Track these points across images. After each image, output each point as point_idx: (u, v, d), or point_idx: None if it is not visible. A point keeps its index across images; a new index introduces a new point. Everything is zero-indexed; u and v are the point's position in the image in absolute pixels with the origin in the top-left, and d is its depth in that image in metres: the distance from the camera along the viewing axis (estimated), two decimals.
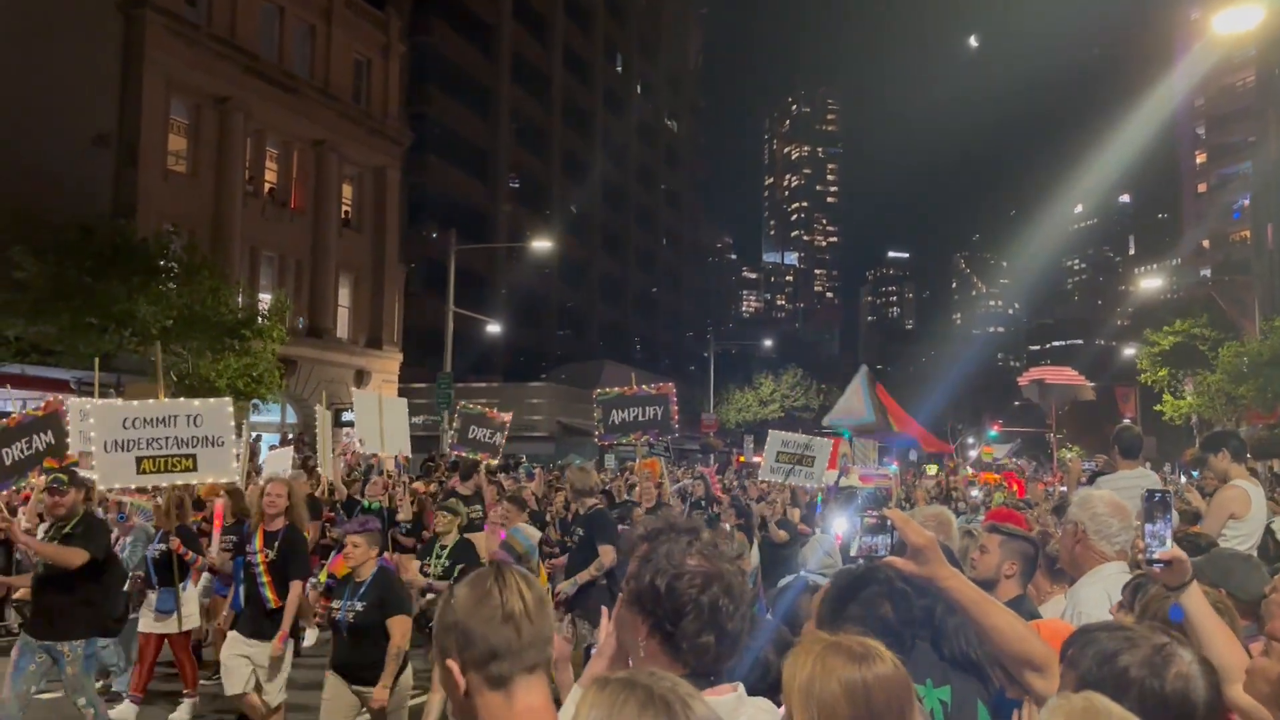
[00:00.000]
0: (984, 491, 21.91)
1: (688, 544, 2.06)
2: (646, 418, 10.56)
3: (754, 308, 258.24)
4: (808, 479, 11.97)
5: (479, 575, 1.92)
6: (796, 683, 1.73)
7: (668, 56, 79.32)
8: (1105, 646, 1.99)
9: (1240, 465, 6.12)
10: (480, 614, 1.83)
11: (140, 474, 7.87)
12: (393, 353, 37.14)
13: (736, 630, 2.02)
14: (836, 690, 1.71)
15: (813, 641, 1.80)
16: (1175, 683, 1.90)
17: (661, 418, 10.60)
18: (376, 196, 36.76)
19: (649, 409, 10.58)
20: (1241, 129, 65.24)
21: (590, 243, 65.31)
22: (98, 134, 25.99)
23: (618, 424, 10.72)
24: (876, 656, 1.75)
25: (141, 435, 7.85)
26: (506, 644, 1.81)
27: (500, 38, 54.92)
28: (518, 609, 1.85)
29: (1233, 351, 33.90)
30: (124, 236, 21.59)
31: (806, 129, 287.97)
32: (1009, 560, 3.70)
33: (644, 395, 10.71)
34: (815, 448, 11.89)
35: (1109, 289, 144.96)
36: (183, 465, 7.96)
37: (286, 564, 7.20)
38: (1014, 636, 2.33)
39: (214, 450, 8.01)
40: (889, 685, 1.73)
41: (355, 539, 6.44)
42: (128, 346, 20.89)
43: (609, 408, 10.72)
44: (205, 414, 8.09)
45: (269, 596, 7.16)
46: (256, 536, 7.33)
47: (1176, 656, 1.95)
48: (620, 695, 1.41)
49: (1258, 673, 2.17)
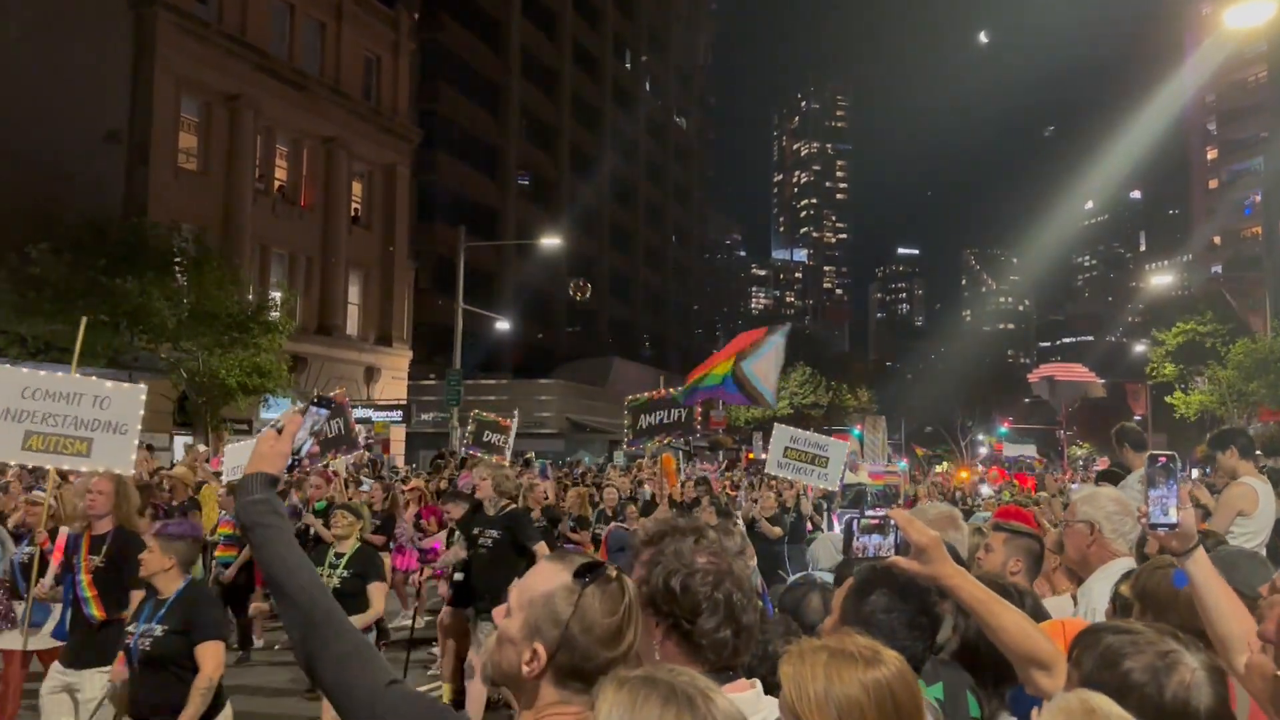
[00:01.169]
0: (994, 490, 21.90)
1: (695, 542, 2.07)
2: (671, 419, 10.67)
3: (763, 304, 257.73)
4: (820, 480, 11.71)
5: (613, 589, 1.80)
6: (810, 694, 1.68)
7: (677, 53, 79.21)
8: (1110, 649, 1.97)
9: (1249, 462, 6.11)
10: (595, 632, 1.76)
11: (25, 449, 6.89)
12: (402, 350, 37.22)
13: (751, 623, 2.05)
14: (858, 694, 1.67)
15: (811, 650, 1.75)
16: (1176, 691, 1.87)
17: (685, 419, 10.70)
18: (386, 193, 36.84)
19: (673, 411, 10.69)
20: (1253, 124, 64.93)
21: (599, 239, 65.31)
22: (109, 131, 26.12)
23: (645, 428, 10.81)
24: (884, 656, 1.74)
25: (39, 408, 6.92)
26: (600, 663, 1.75)
27: (509, 34, 54.93)
28: (629, 637, 1.79)
29: (1244, 348, 33.80)
30: (137, 234, 21.69)
31: (816, 125, 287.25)
32: (1014, 558, 3.70)
33: (669, 399, 10.83)
34: (830, 449, 11.60)
35: (1119, 285, 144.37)
36: (75, 448, 7.05)
37: (120, 572, 5.91)
38: (1021, 635, 2.33)
39: (114, 438, 7.10)
40: (906, 682, 1.73)
41: (153, 542, 5.07)
42: (140, 344, 20.98)
43: (638, 413, 10.82)
44: (115, 398, 7.17)
45: (94, 613, 5.88)
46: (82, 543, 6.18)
47: (1181, 664, 1.91)
48: (640, 692, 1.40)
49: (1254, 668, 2.18)
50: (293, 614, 1.98)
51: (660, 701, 1.38)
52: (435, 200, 47.61)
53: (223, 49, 28.91)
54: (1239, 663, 2.31)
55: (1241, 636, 2.32)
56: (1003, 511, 6.63)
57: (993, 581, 3.06)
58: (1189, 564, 2.48)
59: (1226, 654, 2.36)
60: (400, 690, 1.85)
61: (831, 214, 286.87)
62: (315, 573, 2.11)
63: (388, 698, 1.83)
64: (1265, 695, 2.16)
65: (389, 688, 1.85)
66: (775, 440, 11.67)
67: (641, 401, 10.87)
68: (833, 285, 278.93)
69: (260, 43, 30.30)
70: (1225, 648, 2.37)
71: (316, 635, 1.94)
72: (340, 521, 7.24)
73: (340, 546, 7.11)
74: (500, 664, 1.82)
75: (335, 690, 1.88)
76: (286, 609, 2.00)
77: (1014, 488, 24.18)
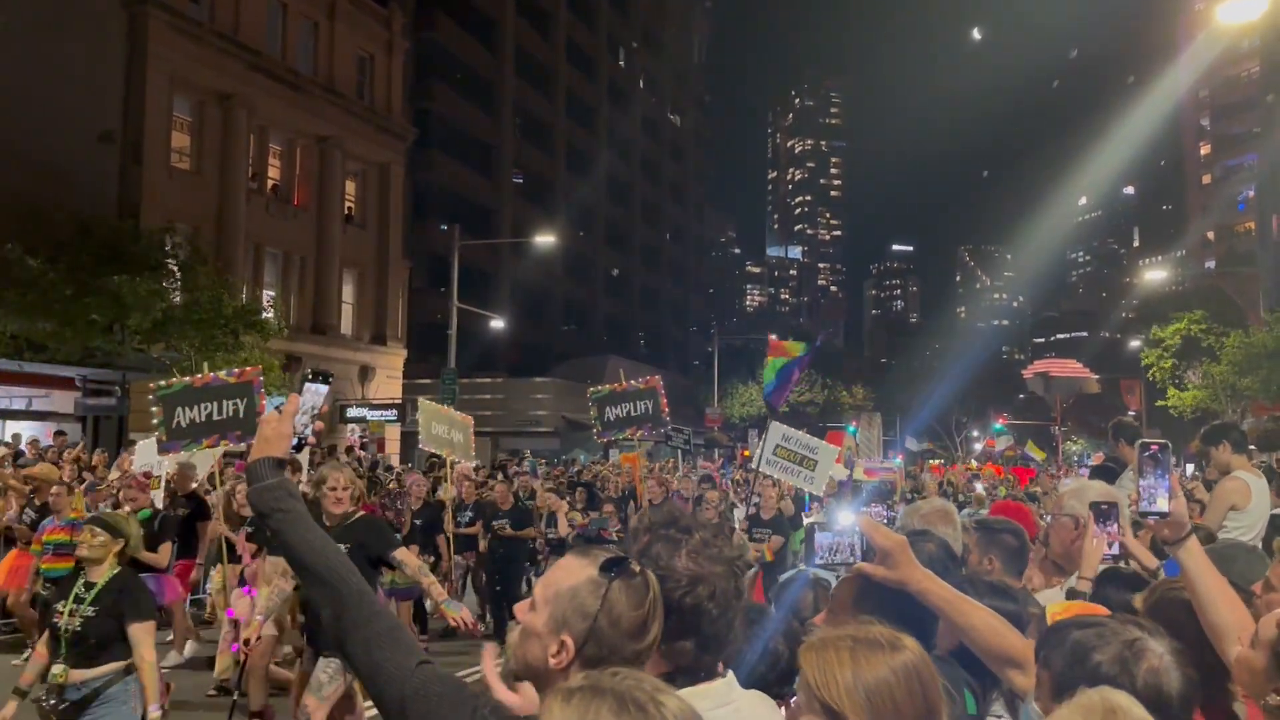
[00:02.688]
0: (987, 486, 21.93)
1: (678, 544, 2.00)
2: (639, 412, 10.39)
3: (758, 302, 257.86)
4: (806, 482, 11.59)
5: (639, 583, 1.82)
6: (840, 684, 1.68)
7: (672, 50, 79.17)
8: (1077, 644, 1.98)
9: (1242, 456, 6.12)
10: (623, 625, 1.78)
11: None
12: (397, 349, 37.18)
13: (717, 633, 1.97)
14: (890, 678, 1.69)
15: (834, 639, 1.76)
16: (1147, 678, 1.88)
17: (653, 411, 10.42)
18: (380, 192, 36.78)
19: (640, 403, 10.41)
20: (1246, 120, 65.01)
21: (594, 237, 65.31)
22: (103, 131, 26.05)
23: (613, 420, 10.49)
24: (906, 642, 1.76)
25: None
26: (626, 655, 1.76)
27: (503, 32, 54.87)
28: (654, 631, 1.81)
29: (1237, 341, 33.82)
30: (122, 234, 21.65)
31: (810, 122, 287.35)
32: (987, 556, 3.69)
33: (634, 390, 10.55)
34: (820, 453, 11.49)
35: (1113, 281, 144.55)
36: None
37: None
38: (990, 634, 2.33)
39: None
40: (929, 665, 1.74)
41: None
42: (130, 344, 20.95)
43: (603, 405, 10.52)
44: None
45: None
46: None
47: (1148, 651, 1.92)
48: (591, 704, 1.36)
49: (1243, 662, 2.19)
50: (323, 593, 2.01)
51: (612, 713, 1.34)
52: (430, 199, 47.58)
53: (216, 48, 28.85)
54: (1234, 653, 2.31)
55: (1235, 626, 2.32)
56: (999, 507, 6.65)
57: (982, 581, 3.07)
58: (1181, 554, 2.48)
59: (1219, 643, 2.36)
60: (430, 670, 1.87)
61: (826, 211, 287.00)
62: (340, 551, 2.12)
63: (417, 677, 1.86)
64: (1254, 689, 2.17)
65: (419, 668, 1.87)
66: (769, 436, 11.59)
67: (604, 393, 10.50)
68: (827, 282, 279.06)
69: (253, 42, 30.23)
70: (1218, 637, 2.37)
71: (348, 616, 1.97)
72: (89, 540, 5.28)
73: (92, 574, 5.24)
74: (525, 657, 1.83)
75: (366, 669, 1.92)
76: (317, 589, 2.03)
77: (1011, 482, 24.23)
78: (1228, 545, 3.66)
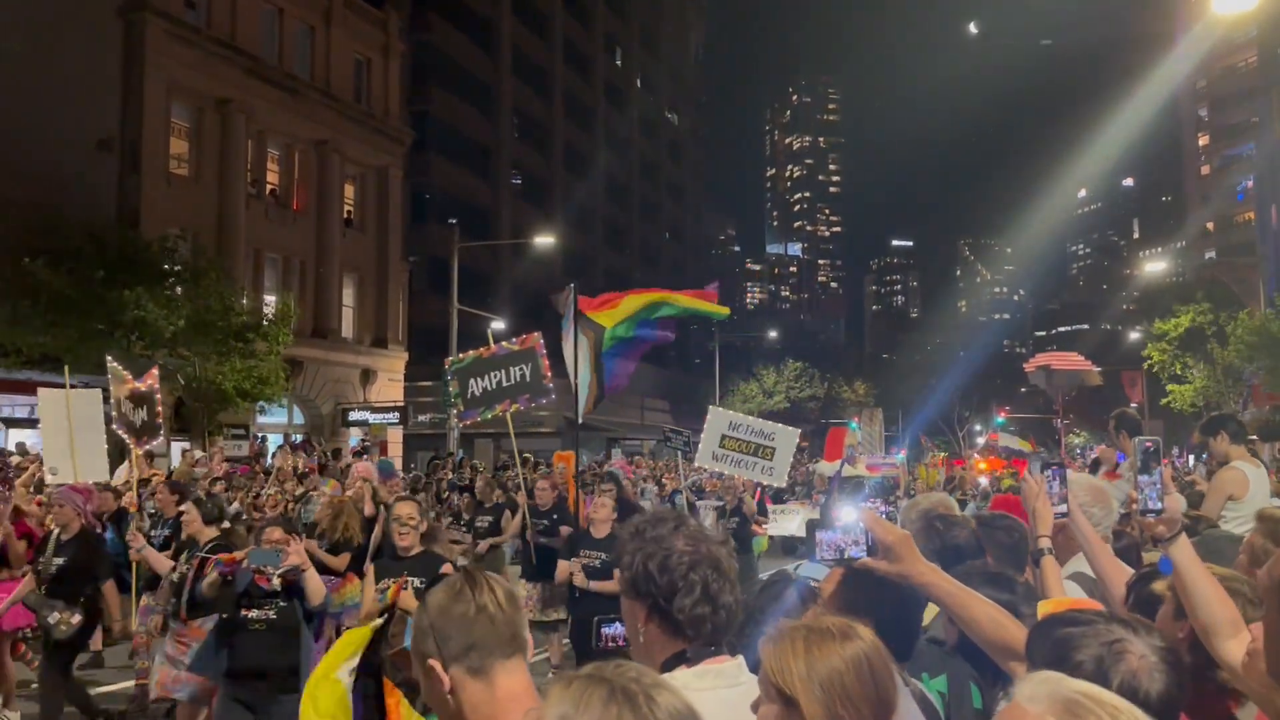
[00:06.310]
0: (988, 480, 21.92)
1: (674, 529, 2.19)
2: (512, 381, 8.71)
3: (758, 299, 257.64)
4: (765, 474, 9.61)
5: (450, 580, 1.99)
6: (794, 674, 1.73)
7: (668, 49, 79.13)
8: (1060, 642, 1.99)
9: (1240, 447, 6.14)
10: (454, 611, 1.91)
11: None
12: (398, 352, 37.21)
13: (729, 603, 2.14)
14: (840, 666, 1.72)
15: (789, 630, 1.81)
16: (1124, 679, 1.88)
17: (531, 378, 8.75)
18: (379, 196, 36.80)
19: (514, 370, 8.73)
20: (1244, 110, 64.92)
21: (593, 238, 65.27)
22: (101, 138, 26.08)
23: (479, 395, 8.80)
24: (858, 631, 1.79)
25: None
26: (483, 636, 1.88)
27: (500, 34, 54.86)
28: (490, 603, 1.92)
29: (1244, 321, 33.59)
30: (133, 244, 21.71)
31: (808, 119, 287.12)
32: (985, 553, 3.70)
33: (505, 354, 8.86)
34: (778, 438, 9.53)
35: (1114, 273, 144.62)
36: None
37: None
38: (992, 626, 2.35)
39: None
40: (881, 654, 1.77)
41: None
42: (135, 352, 20.99)
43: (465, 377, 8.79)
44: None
45: None
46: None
47: (1128, 653, 1.92)
48: (585, 691, 1.42)
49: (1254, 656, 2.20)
50: None
51: (602, 702, 1.40)
52: (429, 201, 47.56)
53: (212, 54, 28.86)
54: (1224, 649, 2.32)
55: (1224, 622, 2.33)
56: (999, 501, 6.65)
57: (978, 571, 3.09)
58: (1172, 550, 2.49)
59: (1209, 640, 2.37)
60: None
61: (825, 207, 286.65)
62: None
63: None
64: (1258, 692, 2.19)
65: None
66: (710, 426, 9.67)
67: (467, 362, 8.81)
68: (827, 278, 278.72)
69: (250, 47, 30.25)
70: (1208, 634, 2.38)
71: None
72: None
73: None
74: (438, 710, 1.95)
75: None
76: None
77: (1013, 475, 24.19)
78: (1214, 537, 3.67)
